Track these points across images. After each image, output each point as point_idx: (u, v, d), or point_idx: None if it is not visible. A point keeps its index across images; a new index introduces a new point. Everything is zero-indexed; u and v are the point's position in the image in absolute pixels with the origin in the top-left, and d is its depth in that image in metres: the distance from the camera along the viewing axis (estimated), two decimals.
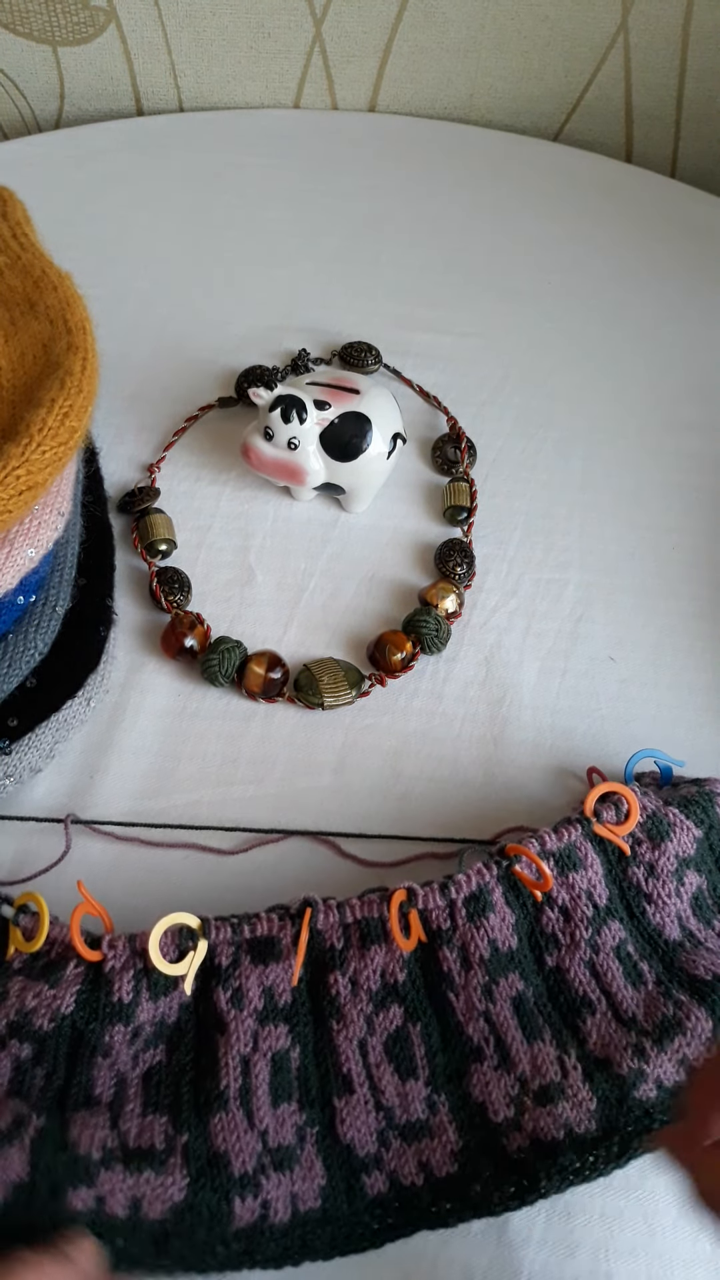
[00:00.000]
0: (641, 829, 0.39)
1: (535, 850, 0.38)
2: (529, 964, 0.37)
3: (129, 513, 0.52)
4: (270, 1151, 0.34)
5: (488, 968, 0.36)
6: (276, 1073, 0.35)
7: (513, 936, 0.37)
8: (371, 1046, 0.36)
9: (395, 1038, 0.36)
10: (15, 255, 0.47)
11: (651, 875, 0.38)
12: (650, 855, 0.39)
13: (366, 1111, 0.35)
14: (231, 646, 0.46)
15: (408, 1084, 0.35)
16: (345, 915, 0.37)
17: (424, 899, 0.37)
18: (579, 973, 0.37)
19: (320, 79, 0.72)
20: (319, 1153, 0.34)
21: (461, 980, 0.36)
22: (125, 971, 0.35)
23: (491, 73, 0.71)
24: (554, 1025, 0.36)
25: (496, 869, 0.37)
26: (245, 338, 0.59)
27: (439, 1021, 0.36)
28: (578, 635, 0.49)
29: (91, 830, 0.43)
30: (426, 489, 0.54)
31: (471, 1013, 0.36)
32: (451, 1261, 0.35)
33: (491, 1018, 0.36)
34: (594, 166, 0.71)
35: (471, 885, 0.37)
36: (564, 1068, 0.35)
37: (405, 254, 0.65)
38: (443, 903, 0.37)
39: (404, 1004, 0.36)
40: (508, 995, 0.36)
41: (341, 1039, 0.35)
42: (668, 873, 0.38)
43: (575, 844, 0.38)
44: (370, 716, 0.47)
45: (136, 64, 0.70)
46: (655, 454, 0.56)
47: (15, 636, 0.42)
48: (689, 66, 0.70)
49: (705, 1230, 0.35)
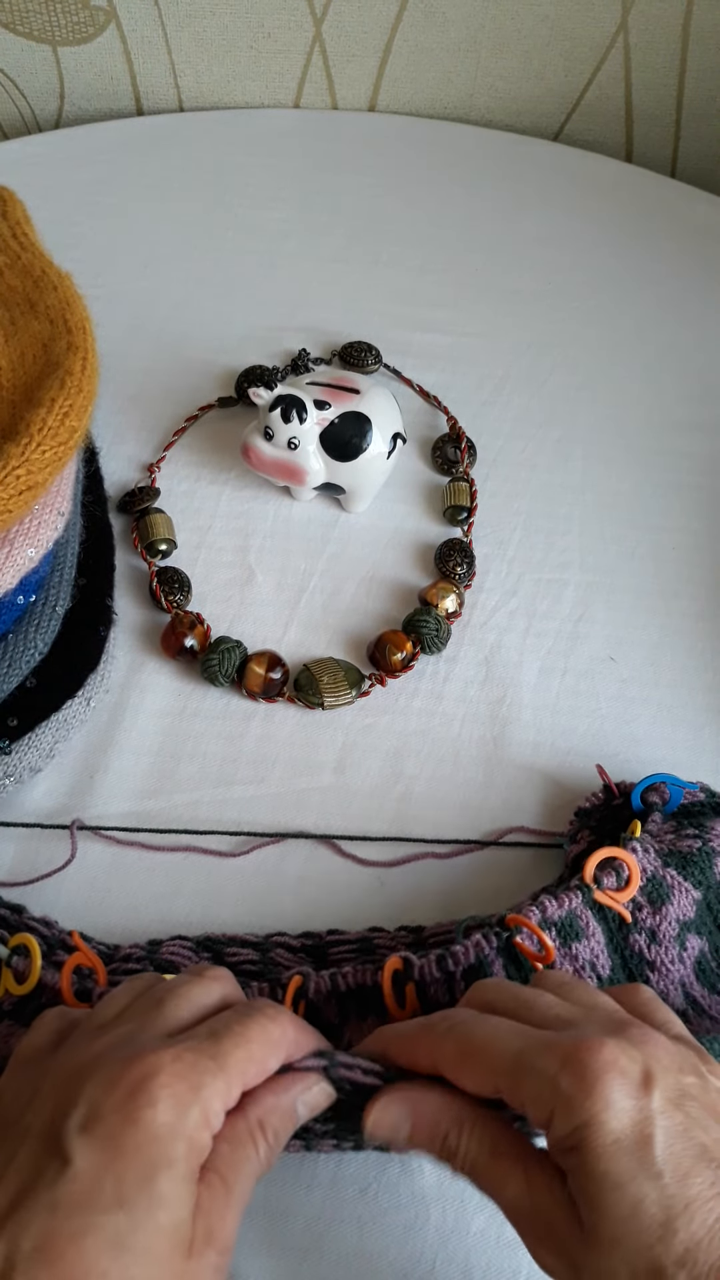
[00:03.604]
0: (641, 893, 0.37)
1: (536, 919, 0.36)
2: None
3: (129, 513, 0.52)
4: None
5: None
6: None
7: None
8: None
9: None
10: (15, 255, 0.47)
11: (654, 941, 0.37)
12: (651, 921, 0.37)
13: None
14: (231, 646, 0.46)
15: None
16: (338, 984, 0.35)
17: (420, 970, 0.35)
18: None
19: (320, 79, 0.72)
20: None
21: None
22: None
23: (491, 73, 0.71)
24: None
25: (496, 940, 0.36)
26: (245, 338, 0.59)
27: None
28: (578, 635, 0.49)
29: (93, 833, 0.43)
30: (426, 489, 0.54)
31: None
32: (451, 1261, 0.35)
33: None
34: (594, 166, 0.71)
35: (470, 958, 0.35)
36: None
37: (405, 254, 0.65)
38: (440, 976, 0.35)
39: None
40: None
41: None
42: (670, 938, 0.37)
43: (576, 912, 0.37)
44: (370, 716, 0.47)
45: (136, 64, 0.70)
46: (655, 454, 0.56)
47: (15, 636, 0.42)
48: (689, 66, 0.70)
49: None
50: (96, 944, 0.39)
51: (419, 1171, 0.36)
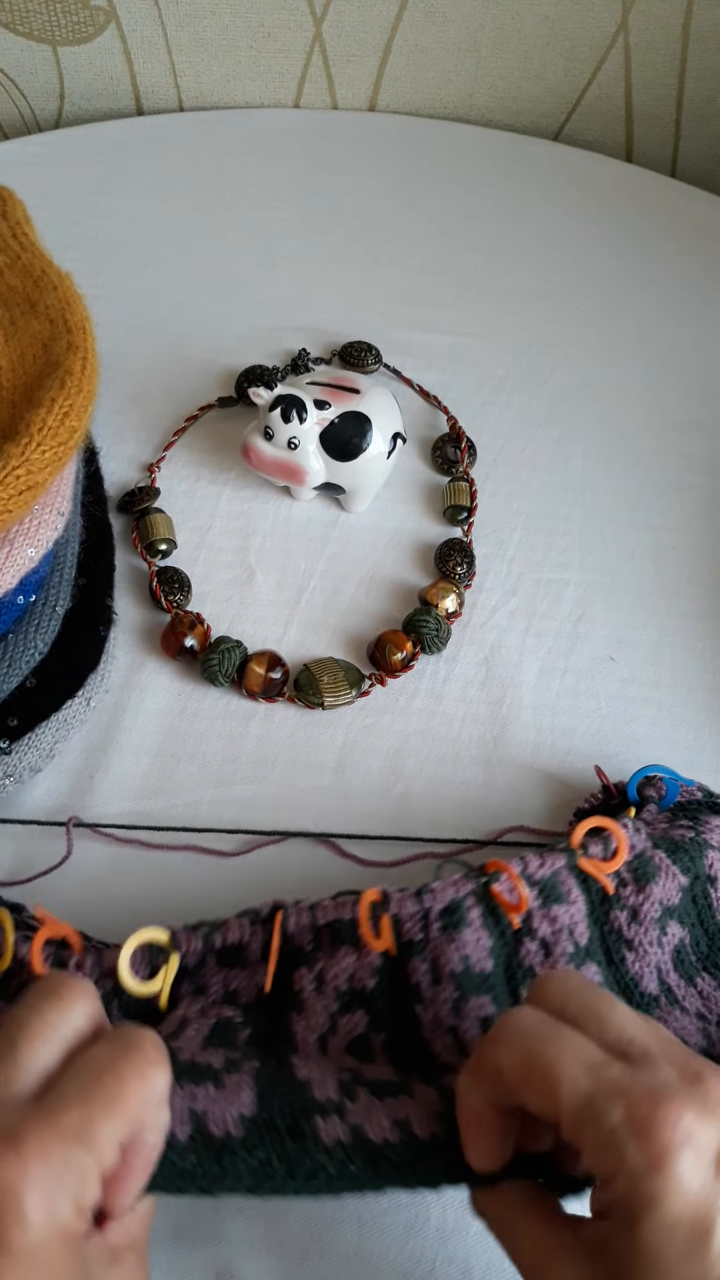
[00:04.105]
0: (628, 869, 0.37)
1: (518, 870, 0.36)
2: (502, 993, 0.35)
3: (129, 513, 0.52)
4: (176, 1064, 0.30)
5: (458, 982, 0.34)
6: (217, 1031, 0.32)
7: (488, 960, 0.35)
8: (333, 1046, 0.33)
9: (357, 1043, 0.34)
10: (15, 255, 0.47)
11: (634, 920, 0.36)
12: (634, 899, 0.37)
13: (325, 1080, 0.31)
14: (231, 646, 0.46)
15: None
16: (317, 917, 0.35)
17: (397, 904, 0.35)
18: None
19: (320, 79, 0.72)
20: (254, 1084, 0.30)
21: (430, 995, 0.34)
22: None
23: (491, 72, 0.71)
24: None
25: (473, 883, 0.36)
26: (245, 338, 0.59)
27: (402, 1036, 0.34)
28: (578, 635, 0.49)
29: (92, 831, 0.43)
30: (426, 489, 0.54)
31: (438, 1029, 0.34)
32: (451, 1261, 0.35)
33: (459, 1034, 0.34)
34: (594, 166, 0.71)
35: (447, 896, 0.35)
36: None
37: (405, 254, 0.65)
38: (416, 909, 0.35)
39: (369, 1012, 0.34)
40: (477, 1015, 0.34)
41: (299, 1027, 0.33)
42: (650, 919, 0.36)
43: (559, 876, 0.36)
44: (370, 716, 0.47)
45: (136, 64, 0.70)
46: (655, 454, 0.56)
47: (15, 636, 0.42)
48: (689, 66, 0.70)
49: None
50: (96, 943, 0.39)
51: None
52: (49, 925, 0.35)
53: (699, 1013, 0.36)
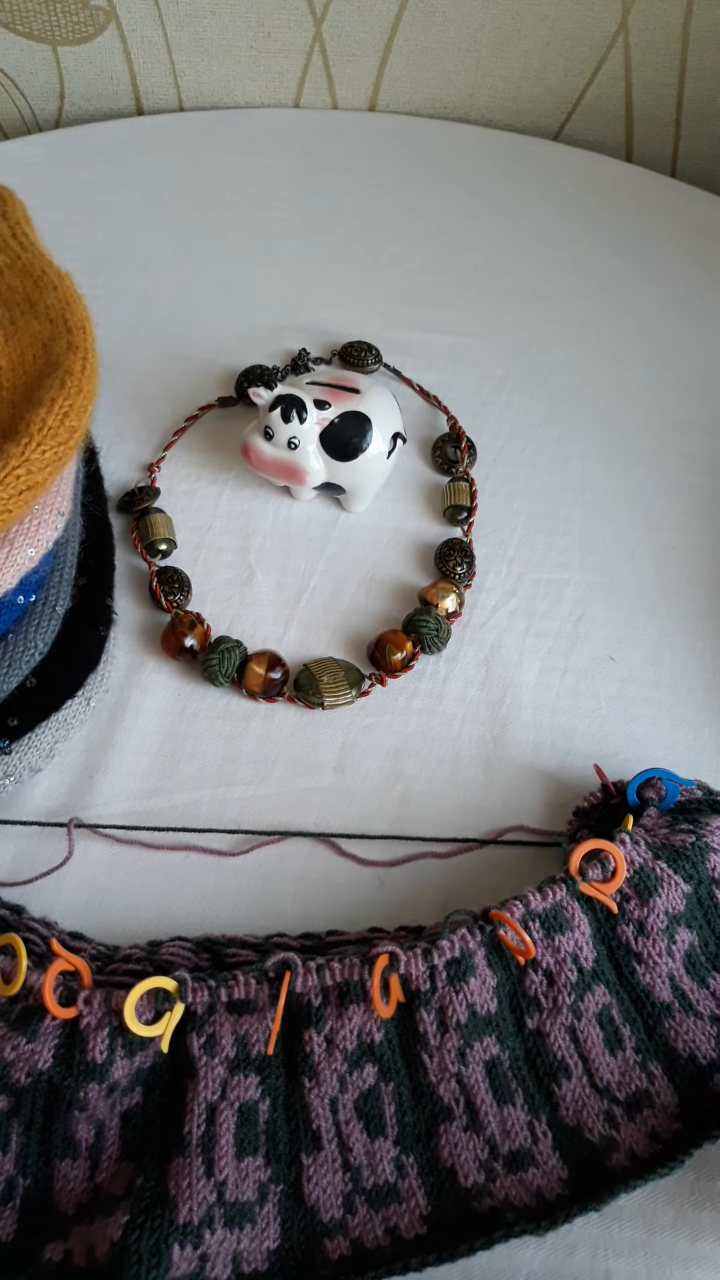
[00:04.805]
0: (629, 884, 0.38)
1: (519, 914, 0.37)
2: (508, 1027, 0.36)
3: (129, 512, 0.52)
4: (225, 1204, 0.33)
5: (463, 1032, 0.35)
6: (243, 1124, 0.34)
7: (492, 1000, 0.36)
8: (343, 1104, 0.35)
9: (367, 1096, 0.35)
10: (15, 255, 0.47)
11: (641, 933, 0.37)
12: (639, 913, 0.37)
13: (333, 1170, 0.34)
14: (231, 646, 0.46)
15: (376, 1142, 0.34)
16: (325, 978, 0.36)
17: (406, 964, 0.36)
18: (559, 1037, 0.36)
19: (320, 79, 0.72)
20: (279, 1214, 0.33)
21: (436, 1042, 0.35)
22: (100, 1030, 0.34)
23: (491, 72, 0.71)
24: (526, 1089, 0.35)
25: (480, 935, 0.36)
26: (245, 338, 0.59)
27: (410, 1080, 0.35)
28: (578, 635, 0.49)
29: (92, 832, 0.43)
30: (426, 489, 0.54)
31: (443, 1074, 0.35)
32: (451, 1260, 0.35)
33: (463, 1079, 0.35)
34: (594, 166, 0.71)
35: (455, 950, 0.36)
36: (534, 1134, 0.35)
37: (405, 254, 0.65)
38: (424, 969, 0.36)
39: (379, 1064, 0.35)
40: (481, 1059, 0.35)
41: (313, 1096, 0.34)
42: (658, 930, 0.37)
43: (562, 904, 0.37)
44: (370, 716, 0.47)
45: (136, 64, 0.70)
46: (655, 454, 0.56)
47: (15, 636, 0.42)
48: (689, 66, 0.70)
49: (704, 1229, 0.36)
50: (96, 945, 0.39)
51: None
52: (60, 958, 0.35)
53: (712, 1015, 0.37)
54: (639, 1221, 0.36)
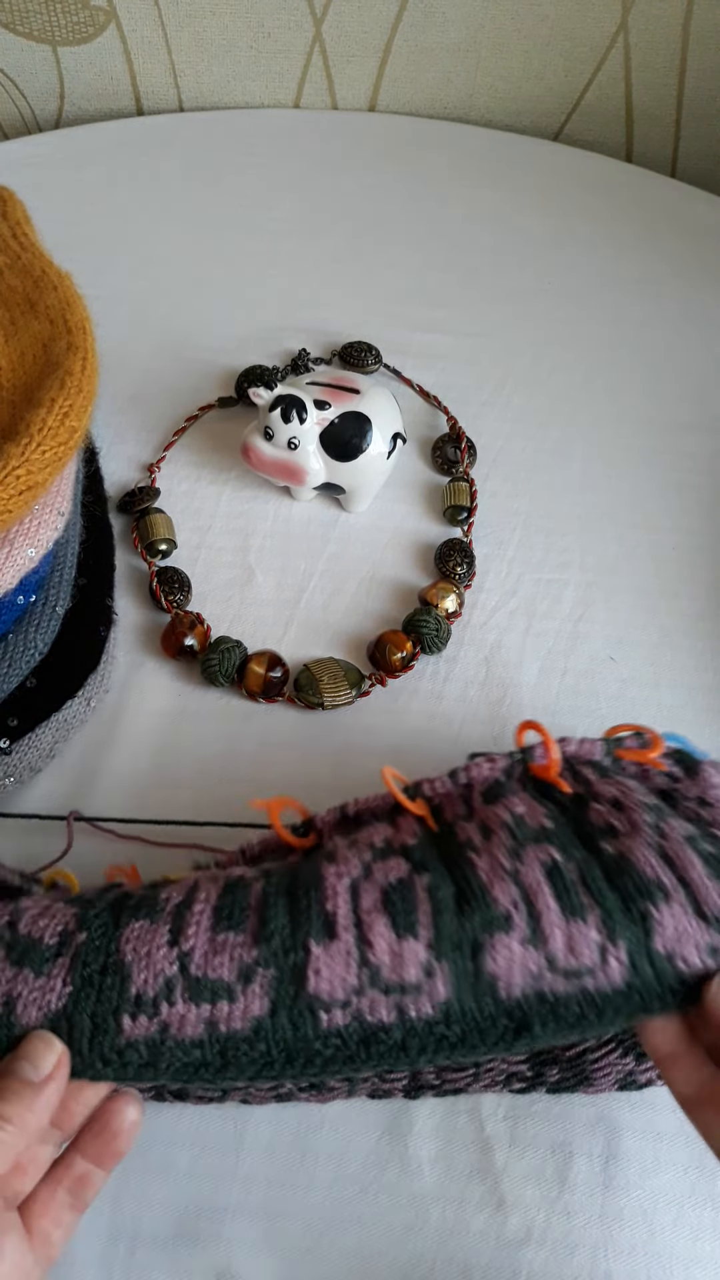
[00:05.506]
0: (673, 761, 0.34)
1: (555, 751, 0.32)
2: (572, 844, 0.31)
3: (129, 513, 0.52)
4: (189, 979, 0.29)
5: (513, 832, 0.30)
6: (226, 892, 0.31)
7: (546, 821, 0.31)
8: (365, 891, 0.30)
9: (396, 888, 0.30)
10: (15, 255, 0.47)
11: (704, 805, 0.32)
12: (695, 789, 0.33)
13: (347, 964, 0.29)
14: (231, 646, 0.46)
15: (404, 942, 0.29)
16: (346, 810, 0.35)
17: (431, 788, 0.33)
18: (647, 856, 0.30)
19: (320, 79, 0.72)
20: (267, 995, 0.29)
21: (483, 844, 0.31)
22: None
23: (491, 73, 0.71)
24: (606, 907, 0.29)
25: (509, 760, 0.33)
26: (245, 338, 0.59)
27: (453, 879, 0.30)
28: (578, 635, 0.49)
29: (93, 828, 0.43)
30: (426, 489, 0.54)
31: (497, 871, 0.30)
32: (450, 1261, 0.35)
33: (521, 879, 0.30)
34: (594, 166, 0.71)
35: (484, 774, 0.32)
36: (604, 958, 0.28)
37: (405, 254, 0.65)
38: (453, 788, 0.33)
39: (410, 858, 0.31)
40: (538, 860, 0.30)
41: (330, 873, 0.30)
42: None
43: (605, 761, 0.34)
44: (370, 716, 0.47)
45: (136, 64, 0.70)
46: (655, 454, 0.56)
47: (15, 636, 0.42)
48: (689, 66, 0.70)
49: (705, 1230, 0.36)
50: None
51: (419, 1172, 0.37)
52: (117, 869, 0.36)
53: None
54: (639, 1222, 0.36)
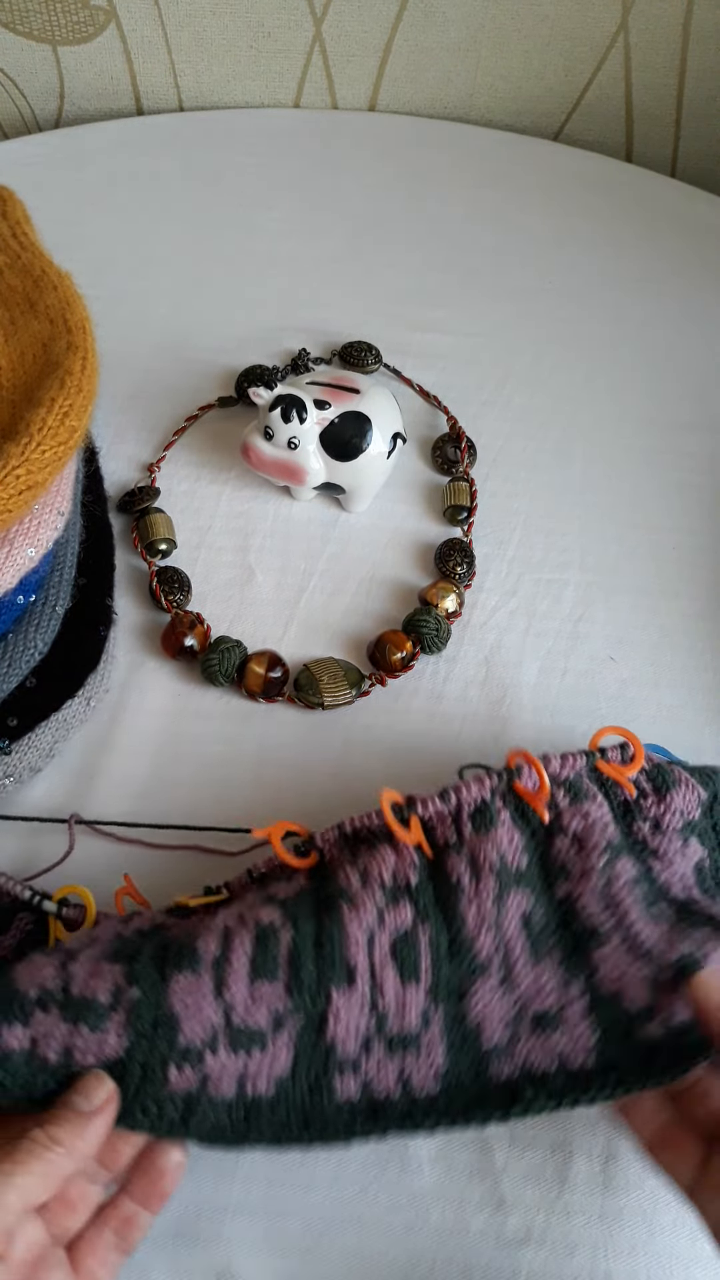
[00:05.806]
0: (646, 778, 0.37)
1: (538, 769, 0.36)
2: (539, 887, 0.35)
3: (129, 512, 0.52)
4: (231, 1029, 0.32)
5: (499, 878, 0.35)
6: (260, 947, 0.33)
7: (522, 857, 0.35)
8: (379, 943, 0.34)
9: (403, 939, 0.34)
10: (15, 255, 0.47)
11: (657, 830, 0.37)
12: (655, 810, 0.37)
13: (361, 1009, 0.33)
14: (231, 646, 0.46)
15: (408, 989, 0.33)
16: (345, 828, 0.37)
17: (423, 806, 0.36)
18: (591, 902, 0.35)
19: (320, 79, 0.72)
20: (292, 1044, 0.32)
21: (472, 890, 0.35)
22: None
23: (491, 73, 0.71)
24: (565, 948, 0.34)
25: (497, 780, 0.36)
26: (245, 338, 0.59)
27: (448, 930, 0.34)
28: (578, 635, 0.49)
29: (93, 830, 0.43)
30: (426, 489, 0.54)
31: (483, 923, 0.34)
32: (450, 1261, 0.35)
33: (502, 929, 0.34)
34: (594, 166, 0.71)
35: (473, 795, 0.36)
36: (567, 995, 0.33)
37: (405, 254, 0.65)
38: (444, 808, 0.36)
39: (415, 904, 0.34)
40: (518, 908, 0.35)
41: (353, 924, 0.34)
42: (673, 829, 0.37)
43: (583, 775, 0.37)
44: (370, 716, 0.47)
45: (136, 64, 0.70)
46: (655, 454, 0.56)
47: (15, 636, 0.42)
48: (689, 66, 0.70)
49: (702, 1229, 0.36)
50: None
51: (419, 1171, 0.37)
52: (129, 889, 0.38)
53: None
54: (639, 1222, 0.36)
